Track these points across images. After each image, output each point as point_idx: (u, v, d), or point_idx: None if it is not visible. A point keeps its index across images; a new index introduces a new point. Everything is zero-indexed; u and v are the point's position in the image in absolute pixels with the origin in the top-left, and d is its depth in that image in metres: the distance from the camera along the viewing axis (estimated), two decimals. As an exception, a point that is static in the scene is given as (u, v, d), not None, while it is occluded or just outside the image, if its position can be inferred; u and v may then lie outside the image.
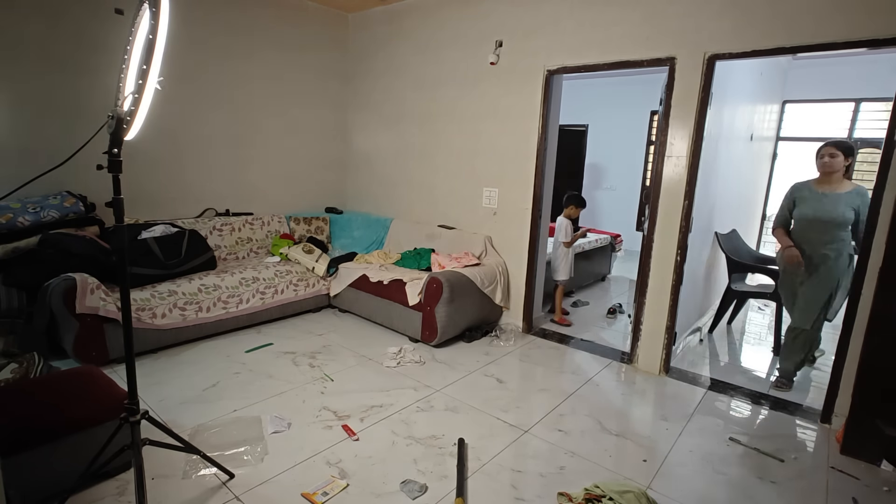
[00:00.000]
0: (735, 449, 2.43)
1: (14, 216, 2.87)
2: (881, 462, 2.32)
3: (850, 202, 2.91)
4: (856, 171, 5.82)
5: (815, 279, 3.02)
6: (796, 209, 3.10)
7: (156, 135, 3.60)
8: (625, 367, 3.35)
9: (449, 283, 3.37)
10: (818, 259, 3.00)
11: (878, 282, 2.31)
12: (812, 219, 3.00)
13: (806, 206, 3.04)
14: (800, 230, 3.09)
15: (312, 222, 4.68)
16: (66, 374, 2.17)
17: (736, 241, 4.31)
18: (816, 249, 3.00)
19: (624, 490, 1.95)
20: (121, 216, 1.56)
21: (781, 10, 2.58)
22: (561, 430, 2.53)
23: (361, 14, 4.74)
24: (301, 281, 3.94)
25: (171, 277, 3.33)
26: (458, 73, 4.03)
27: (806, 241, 3.04)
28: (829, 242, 2.96)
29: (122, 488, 1.92)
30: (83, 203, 3.19)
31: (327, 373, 3.03)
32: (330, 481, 2.01)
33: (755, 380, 3.28)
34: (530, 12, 3.55)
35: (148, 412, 1.79)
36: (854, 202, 2.90)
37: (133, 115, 1.47)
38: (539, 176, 3.66)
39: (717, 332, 4.12)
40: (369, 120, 4.86)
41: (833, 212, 2.92)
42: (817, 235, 2.99)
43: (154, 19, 1.41)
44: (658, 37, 3.00)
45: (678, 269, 3.11)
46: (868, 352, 2.34)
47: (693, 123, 2.93)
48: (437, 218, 4.38)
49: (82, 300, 2.75)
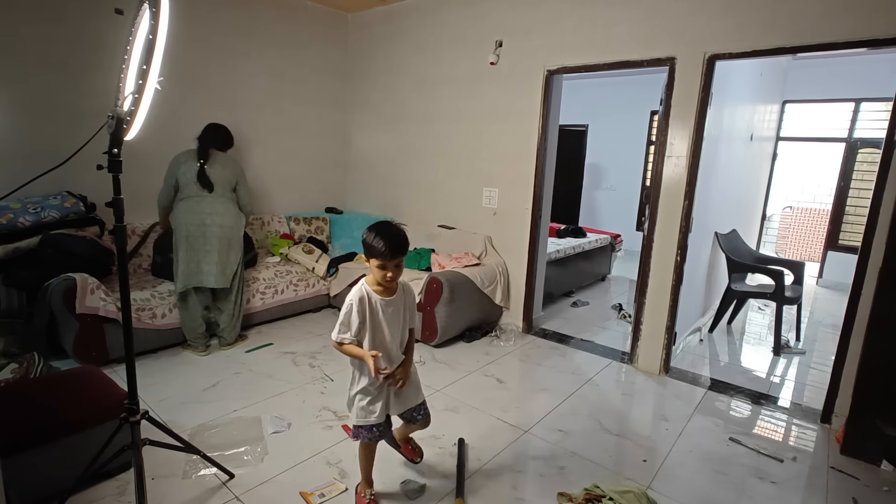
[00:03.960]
0: (735, 449, 2.43)
1: (14, 216, 2.87)
2: (881, 462, 2.32)
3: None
4: (855, 171, 5.83)
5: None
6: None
7: (156, 135, 3.58)
8: (625, 367, 3.35)
9: (449, 283, 3.37)
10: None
11: (878, 282, 2.31)
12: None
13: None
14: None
15: (312, 222, 4.68)
16: (66, 374, 2.18)
17: (736, 241, 4.31)
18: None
19: (624, 490, 1.95)
20: (121, 216, 1.56)
21: (781, 10, 2.58)
22: (561, 430, 2.53)
23: (361, 14, 4.74)
24: (301, 281, 3.94)
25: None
26: (458, 72, 4.03)
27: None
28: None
29: (122, 488, 1.92)
30: (83, 203, 3.19)
31: (327, 373, 3.03)
32: (330, 483, 2.01)
33: (755, 380, 3.28)
34: (530, 12, 3.55)
35: (148, 412, 1.79)
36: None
37: (133, 115, 1.47)
38: (539, 176, 3.66)
39: (717, 332, 4.12)
40: (369, 120, 4.86)
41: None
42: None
43: (154, 19, 1.40)
44: (658, 37, 3.00)
45: (678, 269, 3.10)
46: (868, 352, 2.34)
47: (693, 123, 2.93)
48: (437, 218, 4.38)
49: (82, 300, 2.75)
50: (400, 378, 1.79)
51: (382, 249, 1.62)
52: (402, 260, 1.69)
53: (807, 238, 7.25)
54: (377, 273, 1.69)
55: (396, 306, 1.78)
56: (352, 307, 1.69)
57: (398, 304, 1.79)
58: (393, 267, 1.67)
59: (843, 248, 5.92)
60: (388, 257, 1.64)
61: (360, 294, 1.71)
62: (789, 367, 3.55)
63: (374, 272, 1.70)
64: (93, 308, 2.78)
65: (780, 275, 3.78)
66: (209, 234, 3.04)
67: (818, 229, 7.07)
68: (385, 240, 1.63)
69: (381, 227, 1.69)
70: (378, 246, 1.63)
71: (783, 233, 7.42)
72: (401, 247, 1.66)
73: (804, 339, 4.07)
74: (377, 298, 1.72)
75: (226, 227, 3.08)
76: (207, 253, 3.04)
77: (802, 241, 7.30)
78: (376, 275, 1.70)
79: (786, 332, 3.98)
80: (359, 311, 1.69)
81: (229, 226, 3.10)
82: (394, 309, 1.77)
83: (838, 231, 5.98)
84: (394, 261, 1.66)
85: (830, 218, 6.05)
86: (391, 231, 1.68)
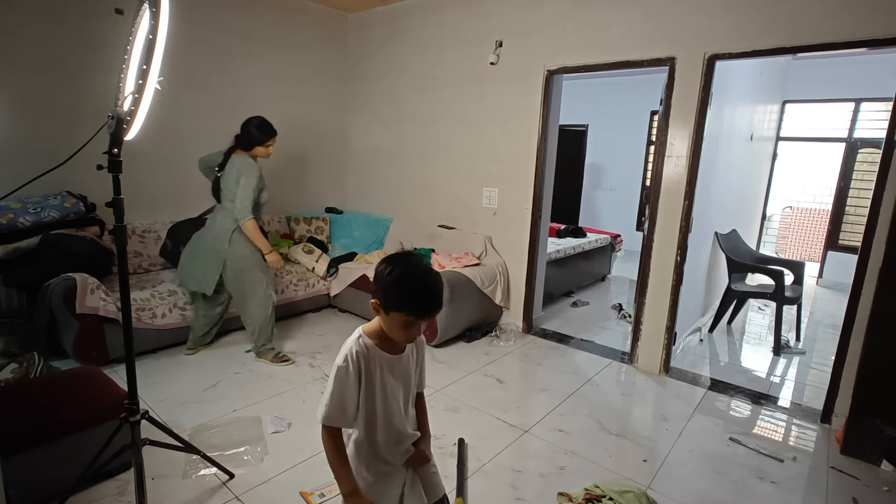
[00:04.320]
0: (735, 449, 2.43)
1: (14, 216, 2.87)
2: (881, 462, 2.32)
3: None
4: (855, 171, 5.83)
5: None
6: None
7: (156, 135, 3.59)
8: (625, 367, 3.35)
9: (449, 283, 3.37)
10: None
11: (878, 282, 2.31)
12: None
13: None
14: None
15: (312, 222, 4.68)
16: (66, 374, 2.18)
17: (736, 241, 4.31)
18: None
19: (624, 490, 1.95)
20: (121, 216, 1.57)
21: (781, 10, 2.58)
22: (561, 430, 2.53)
23: (361, 14, 4.74)
24: (301, 281, 3.94)
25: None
26: (458, 73, 4.03)
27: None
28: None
29: (122, 488, 1.92)
30: (83, 203, 3.19)
31: (327, 373, 3.03)
32: (330, 483, 2.00)
33: (755, 380, 3.28)
34: (530, 12, 3.55)
35: (148, 412, 1.80)
36: None
37: (133, 115, 1.47)
38: (539, 176, 3.66)
39: (717, 332, 4.12)
40: (369, 120, 4.86)
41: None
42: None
43: (154, 19, 1.41)
44: (658, 37, 3.00)
45: (678, 269, 3.10)
46: (868, 352, 2.34)
47: (693, 123, 2.93)
48: (437, 218, 4.38)
49: (82, 300, 2.75)
50: (421, 462, 1.34)
51: (415, 306, 1.14)
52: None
53: (807, 238, 7.26)
54: (396, 330, 1.17)
55: (406, 366, 1.29)
56: (347, 374, 1.17)
57: (408, 361, 1.29)
58: (423, 325, 1.19)
59: (843, 248, 5.92)
60: (422, 315, 1.15)
61: (359, 351, 1.19)
62: (789, 367, 3.55)
63: (392, 328, 1.18)
64: (93, 308, 2.78)
65: (780, 275, 3.78)
66: (199, 242, 3.02)
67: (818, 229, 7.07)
68: (419, 294, 1.14)
69: (411, 269, 1.16)
70: (408, 299, 1.13)
71: (783, 233, 7.42)
72: (440, 302, 1.17)
73: (804, 339, 4.07)
74: (381, 356, 1.22)
75: (213, 239, 2.97)
76: (195, 258, 3.01)
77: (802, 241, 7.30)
78: (393, 331, 1.18)
79: (786, 332, 3.98)
80: (356, 379, 1.18)
81: (213, 238, 2.97)
82: (403, 370, 1.28)
83: (838, 231, 5.98)
84: (427, 319, 1.18)
85: (830, 218, 6.05)
86: (427, 279, 1.16)
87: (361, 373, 1.19)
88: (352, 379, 1.17)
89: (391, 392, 1.24)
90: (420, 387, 1.40)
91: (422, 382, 1.40)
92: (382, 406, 1.23)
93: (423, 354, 1.38)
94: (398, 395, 1.26)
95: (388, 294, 1.15)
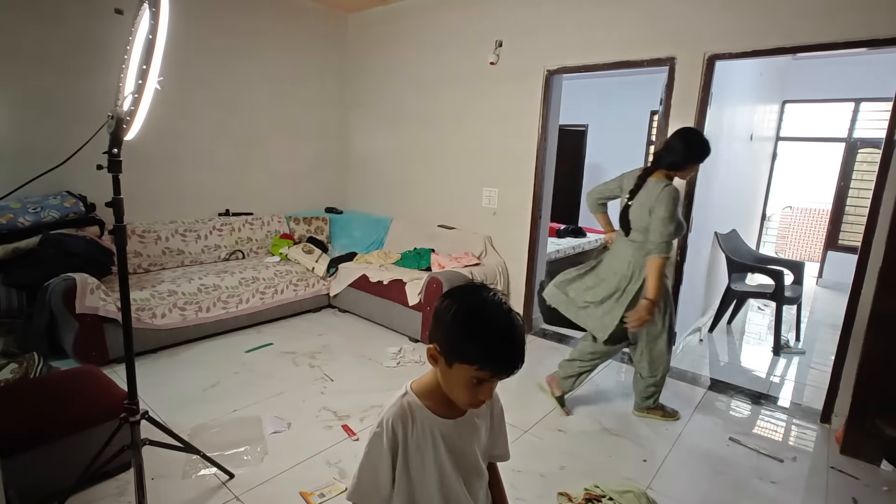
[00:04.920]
0: (735, 449, 2.43)
1: (14, 216, 2.87)
2: (881, 462, 2.32)
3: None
4: (855, 171, 5.83)
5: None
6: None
7: (156, 135, 3.60)
8: (624, 368, 3.35)
9: (449, 283, 3.37)
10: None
11: (878, 282, 2.30)
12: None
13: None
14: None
15: (312, 222, 4.68)
16: (66, 374, 2.18)
17: (736, 241, 4.32)
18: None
19: (624, 490, 1.95)
20: (121, 216, 1.57)
21: (781, 10, 2.58)
22: (561, 430, 2.53)
23: (361, 14, 4.74)
24: (301, 281, 3.94)
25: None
26: (458, 72, 4.03)
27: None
28: None
29: (122, 488, 1.92)
30: (83, 203, 3.19)
31: (327, 373, 3.03)
32: (330, 483, 2.00)
33: (755, 380, 3.28)
34: (530, 12, 3.54)
35: (148, 412, 1.80)
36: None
37: (133, 115, 1.47)
38: (539, 176, 3.66)
39: (717, 332, 4.12)
40: (369, 120, 4.86)
41: None
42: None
43: (154, 19, 1.41)
44: (658, 37, 3.00)
45: (678, 269, 3.10)
46: (868, 352, 2.34)
47: (693, 123, 2.93)
48: (437, 218, 4.38)
49: (82, 300, 2.75)
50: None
51: (491, 359, 0.86)
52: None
53: (807, 238, 7.26)
54: (459, 389, 0.90)
55: (473, 431, 1.00)
56: (381, 443, 0.93)
57: (475, 425, 1.01)
58: (495, 385, 0.92)
59: (843, 248, 5.92)
60: (499, 372, 0.87)
61: (400, 414, 0.93)
62: (789, 367, 3.55)
63: (454, 385, 0.91)
64: (93, 308, 2.78)
65: (780, 275, 3.78)
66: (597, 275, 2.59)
67: (818, 229, 7.08)
68: (498, 343, 0.86)
69: (486, 309, 0.89)
70: (482, 348, 0.86)
71: (783, 233, 7.42)
72: (522, 354, 0.88)
73: (804, 338, 4.08)
74: (434, 422, 0.95)
75: (615, 271, 2.51)
76: (589, 289, 2.57)
77: (802, 241, 7.30)
78: (454, 390, 0.91)
79: (786, 332, 3.98)
80: (389, 452, 0.93)
81: (617, 268, 2.51)
82: (468, 434, 0.99)
83: (838, 231, 5.98)
84: (504, 378, 0.88)
85: (830, 218, 6.05)
86: (509, 324, 0.88)
87: (399, 443, 0.93)
88: (385, 451, 0.92)
89: (449, 470, 0.95)
90: (499, 457, 1.08)
91: (502, 449, 1.07)
92: (438, 488, 0.95)
93: (501, 412, 1.06)
94: (459, 473, 0.97)
95: (451, 339, 0.87)
